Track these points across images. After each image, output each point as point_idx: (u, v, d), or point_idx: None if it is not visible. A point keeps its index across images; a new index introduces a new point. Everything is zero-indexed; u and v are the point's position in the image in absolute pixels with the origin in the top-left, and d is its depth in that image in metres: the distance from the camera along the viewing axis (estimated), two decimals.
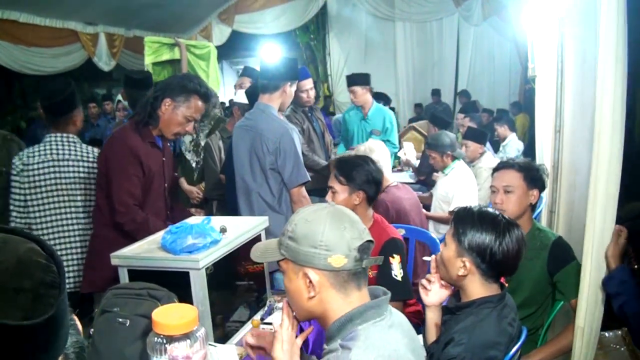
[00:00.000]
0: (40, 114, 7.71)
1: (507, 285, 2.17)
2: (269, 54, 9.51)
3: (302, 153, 3.23)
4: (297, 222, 1.36)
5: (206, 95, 2.65)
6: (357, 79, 5.17)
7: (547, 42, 3.13)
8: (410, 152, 6.14)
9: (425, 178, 5.38)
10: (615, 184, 2.07)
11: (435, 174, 4.87)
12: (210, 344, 1.73)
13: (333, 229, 1.32)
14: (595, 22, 2.11)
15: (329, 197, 2.61)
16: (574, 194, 2.75)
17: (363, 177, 2.52)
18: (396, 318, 1.40)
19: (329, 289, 1.35)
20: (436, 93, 10.95)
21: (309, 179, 3.08)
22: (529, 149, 6.10)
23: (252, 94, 3.62)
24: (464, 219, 1.80)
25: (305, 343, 2.27)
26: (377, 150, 3.38)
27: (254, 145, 3.02)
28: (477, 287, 1.80)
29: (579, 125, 2.68)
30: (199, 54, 5.91)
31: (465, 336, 1.71)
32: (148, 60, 5.60)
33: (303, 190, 3.05)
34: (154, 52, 5.59)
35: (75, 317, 0.91)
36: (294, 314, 1.48)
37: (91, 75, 5.90)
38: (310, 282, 1.34)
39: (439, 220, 4.16)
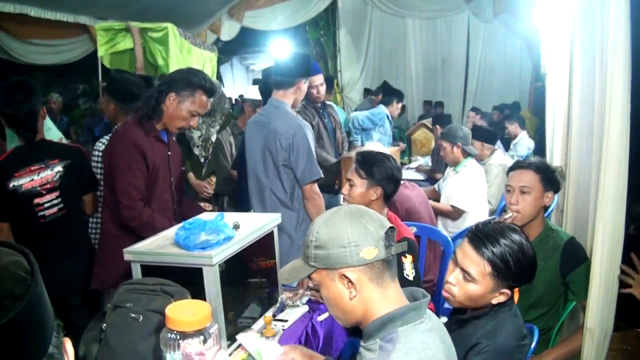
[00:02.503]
0: (53, 108, 7.81)
1: None
2: (281, 49, 9.50)
3: None
4: (317, 230, 1.37)
5: (211, 90, 2.64)
6: None
7: (559, 40, 3.11)
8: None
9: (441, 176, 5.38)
10: (623, 183, 2.05)
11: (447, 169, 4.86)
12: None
13: (355, 224, 1.34)
14: (603, 20, 2.10)
15: (345, 189, 2.61)
16: (580, 193, 2.74)
17: (383, 173, 2.53)
18: (434, 322, 1.40)
19: (368, 284, 1.35)
20: (440, 105, 10.87)
21: (322, 175, 3.07)
22: (539, 147, 6.08)
23: (265, 90, 3.61)
24: (491, 248, 1.69)
25: (317, 337, 2.28)
26: None
27: (267, 142, 3.01)
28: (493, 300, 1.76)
29: (584, 124, 2.66)
30: (157, 37, 5.19)
31: (489, 342, 1.68)
32: (102, 50, 5.17)
33: (315, 187, 3.04)
34: (108, 41, 5.15)
35: (67, 344, 0.86)
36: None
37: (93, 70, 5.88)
38: (350, 281, 1.34)
39: (440, 210, 4.15)
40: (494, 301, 1.72)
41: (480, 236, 1.72)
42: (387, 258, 1.35)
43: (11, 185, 2.63)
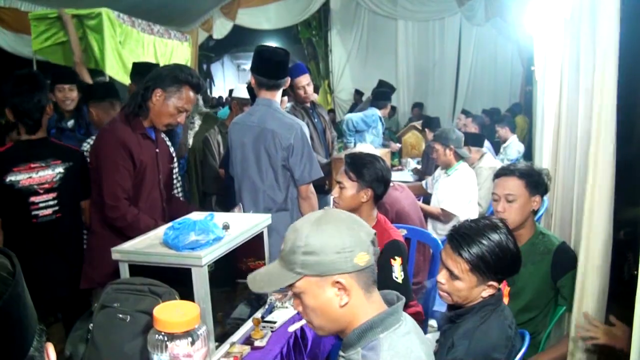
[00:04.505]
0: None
1: (509, 288, 2.17)
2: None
3: None
4: (307, 234, 1.30)
5: (198, 86, 2.61)
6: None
7: (551, 44, 3.12)
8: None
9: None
10: (610, 189, 2.05)
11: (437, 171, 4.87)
12: None
13: (348, 229, 1.31)
14: (594, 24, 2.10)
15: (336, 192, 2.59)
16: (567, 197, 2.75)
17: (373, 175, 2.52)
18: (410, 323, 1.39)
19: (358, 290, 1.32)
20: (418, 105, 10.80)
21: (322, 174, 3.04)
22: (529, 151, 6.11)
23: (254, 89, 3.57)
24: (467, 246, 1.76)
25: (305, 339, 2.27)
26: None
27: (264, 143, 2.95)
28: (483, 293, 1.80)
29: (573, 128, 2.67)
30: (92, 25, 4.53)
31: (465, 341, 1.72)
32: (36, 44, 4.57)
33: (311, 186, 3.01)
34: (43, 32, 4.54)
35: (50, 349, 0.85)
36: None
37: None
38: (342, 288, 1.30)
39: (431, 212, 4.16)
40: (484, 294, 1.78)
41: (457, 237, 1.80)
42: (373, 264, 1.34)
43: (8, 179, 2.59)
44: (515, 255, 1.80)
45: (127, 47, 4.83)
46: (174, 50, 5.86)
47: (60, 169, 2.73)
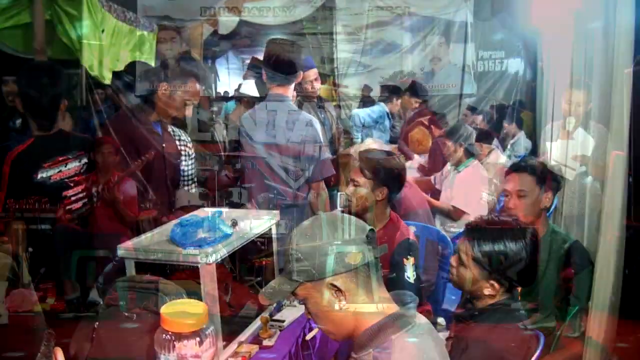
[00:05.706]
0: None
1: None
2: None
3: None
4: (296, 242, 1.33)
5: (203, 78, 2.59)
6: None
7: (558, 38, 3.07)
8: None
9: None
10: (624, 190, 2.01)
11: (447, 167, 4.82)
12: None
13: (336, 231, 1.31)
14: (608, 15, 2.07)
15: (350, 190, 2.52)
16: (577, 194, 2.71)
17: (389, 173, 2.47)
18: (424, 323, 1.37)
19: (357, 290, 1.31)
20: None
21: (334, 172, 3.00)
22: (534, 147, 6.06)
23: (262, 84, 3.52)
24: (480, 238, 1.77)
25: (313, 338, 2.24)
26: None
27: (275, 139, 2.91)
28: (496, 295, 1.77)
29: (582, 123, 2.63)
30: (71, 6, 3.96)
31: (479, 343, 1.70)
32: None
33: (322, 183, 2.97)
34: (4, 10, 3.83)
35: (58, 354, 0.85)
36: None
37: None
38: (338, 289, 1.29)
39: (441, 209, 4.11)
40: (486, 292, 1.77)
41: (476, 230, 1.81)
42: (371, 262, 1.32)
43: (39, 176, 2.51)
44: (529, 270, 1.77)
45: (104, 35, 4.33)
46: (149, 39, 5.16)
47: (85, 160, 2.64)
